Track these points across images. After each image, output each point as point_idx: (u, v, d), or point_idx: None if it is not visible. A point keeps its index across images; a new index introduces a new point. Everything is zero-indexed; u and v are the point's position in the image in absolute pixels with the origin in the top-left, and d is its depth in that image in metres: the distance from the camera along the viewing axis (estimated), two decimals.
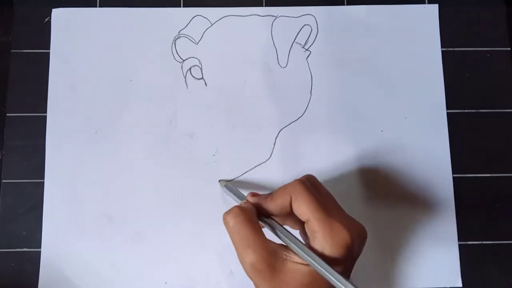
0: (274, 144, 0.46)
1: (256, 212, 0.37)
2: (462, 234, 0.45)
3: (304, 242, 0.35)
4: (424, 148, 0.46)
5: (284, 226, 0.36)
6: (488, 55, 0.48)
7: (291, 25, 0.47)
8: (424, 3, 0.48)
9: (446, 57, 0.47)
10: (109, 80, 0.46)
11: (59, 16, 0.47)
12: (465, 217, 0.45)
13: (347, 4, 0.48)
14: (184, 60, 0.47)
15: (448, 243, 0.45)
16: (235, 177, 0.45)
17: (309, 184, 0.36)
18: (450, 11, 0.48)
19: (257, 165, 0.45)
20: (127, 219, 0.44)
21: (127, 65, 0.46)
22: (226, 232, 0.40)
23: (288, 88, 0.46)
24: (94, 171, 0.45)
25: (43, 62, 0.46)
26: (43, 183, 0.44)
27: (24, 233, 0.44)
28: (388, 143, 0.46)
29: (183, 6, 0.47)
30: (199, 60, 0.47)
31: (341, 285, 0.32)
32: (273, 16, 0.47)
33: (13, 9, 0.47)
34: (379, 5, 0.48)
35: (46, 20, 0.47)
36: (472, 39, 0.48)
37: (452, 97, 0.47)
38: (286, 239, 0.35)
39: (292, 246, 0.34)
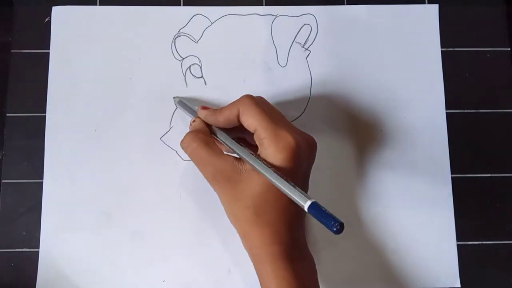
0: None
1: (207, 129, 0.40)
2: (462, 234, 0.44)
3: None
4: (423, 148, 0.45)
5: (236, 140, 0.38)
6: (488, 55, 0.47)
7: (291, 24, 0.47)
8: (424, 3, 0.48)
9: (446, 57, 0.47)
10: (108, 78, 0.46)
11: (59, 14, 0.46)
12: (465, 217, 0.45)
13: (347, 4, 0.47)
14: (183, 59, 0.46)
15: (446, 243, 0.44)
16: None
17: (258, 100, 0.38)
18: (450, 11, 0.48)
19: None
20: (126, 217, 0.44)
21: (127, 63, 0.46)
22: (225, 231, 0.43)
23: (287, 87, 0.46)
24: (93, 169, 0.44)
25: (43, 62, 0.46)
26: (43, 183, 0.44)
27: (24, 233, 0.43)
28: (388, 143, 0.45)
29: (183, 5, 0.47)
30: (198, 58, 0.46)
31: (277, 183, 0.34)
32: (273, 15, 0.47)
33: (13, 9, 0.47)
34: (379, 5, 0.47)
35: (46, 20, 0.46)
36: (472, 39, 0.47)
37: (452, 97, 0.46)
38: (234, 148, 0.37)
39: (240, 154, 0.37)
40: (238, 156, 0.38)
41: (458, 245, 0.44)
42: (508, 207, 0.45)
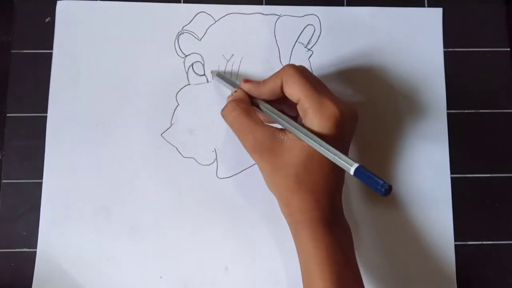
0: None
1: (248, 99, 0.40)
2: (462, 234, 0.44)
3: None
4: (423, 148, 0.45)
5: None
6: (488, 55, 0.47)
7: (294, 24, 0.46)
8: (424, 5, 0.47)
9: (446, 58, 0.46)
10: (111, 73, 0.45)
11: (64, 9, 0.46)
12: (465, 217, 0.44)
13: (347, 5, 0.47)
14: (186, 56, 0.46)
15: (445, 243, 0.44)
16: (233, 174, 0.44)
17: (301, 69, 0.38)
18: (450, 12, 0.47)
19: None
20: (125, 213, 0.43)
21: (130, 59, 0.45)
22: (223, 229, 0.43)
23: None
24: (92, 164, 0.44)
25: (44, 62, 0.45)
26: (42, 183, 0.43)
27: (24, 233, 0.43)
28: (388, 143, 0.45)
29: (187, 3, 0.46)
30: (201, 56, 0.46)
31: (322, 148, 0.34)
32: (276, 15, 0.46)
33: (14, 9, 0.46)
34: (383, 7, 0.47)
35: (46, 20, 0.46)
36: (472, 39, 0.47)
37: (452, 98, 0.46)
38: (278, 118, 0.38)
39: (284, 124, 0.37)
40: (279, 127, 0.38)
41: (458, 245, 0.44)
42: (508, 207, 0.45)
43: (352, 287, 0.36)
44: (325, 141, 0.35)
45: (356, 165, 0.33)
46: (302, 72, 0.37)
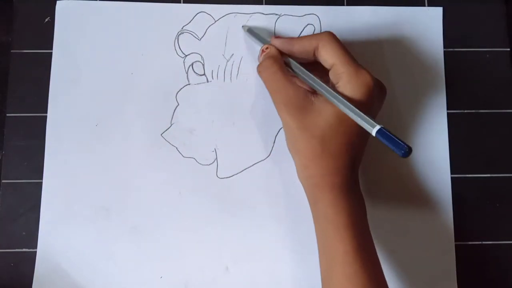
0: (274, 142, 0.45)
1: (281, 57, 0.40)
2: (462, 234, 0.44)
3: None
4: (424, 148, 0.45)
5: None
6: (488, 55, 0.46)
7: (294, 24, 0.46)
8: (424, 5, 0.47)
9: (446, 58, 0.46)
10: (111, 73, 0.45)
11: (64, 9, 0.46)
12: (465, 217, 0.44)
13: (347, 5, 0.46)
14: (186, 56, 0.45)
15: (444, 244, 0.43)
16: (233, 174, 0.44)
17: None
18: (450, 12, 0.47)
19: (256, 163, 0.44)
20: (125, 213, 0.43)
21: (130, 58, 0.45)
22: (223, 229, 0.43)
23: None
24: (93, 163, 0.44)
25: (44, 62, 0.45)
26: (42, 183, 0.43)
27: (23, 233, 0.43)
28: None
29: (187, 3, 0.46)
30: (201, 56, 0.45)
31: (346, 109, 0.35)
32: (276, 14, 0.46)
33: (13, 8, 0.46)
34: (382, 6, 0.46)
35: (46, 20, 0.45)
36: (472, 39, 0.47)
37: (452, 98, 0.45)
38: (307, 79, 0.38)
39: (313, 82, 0.37)
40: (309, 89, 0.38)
41: (458, 245, 0.43)
42: (508, 207, 0.44)
43: (370, 253, 0.37)
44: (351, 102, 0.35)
45: (378, 126, 0.33)
46: (338, 39, 0.38)
